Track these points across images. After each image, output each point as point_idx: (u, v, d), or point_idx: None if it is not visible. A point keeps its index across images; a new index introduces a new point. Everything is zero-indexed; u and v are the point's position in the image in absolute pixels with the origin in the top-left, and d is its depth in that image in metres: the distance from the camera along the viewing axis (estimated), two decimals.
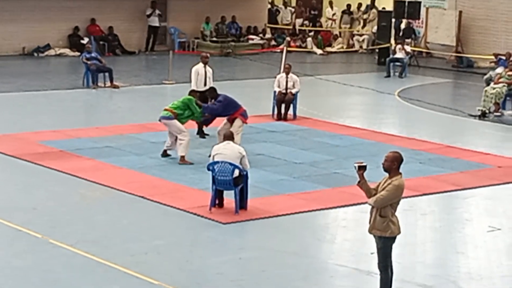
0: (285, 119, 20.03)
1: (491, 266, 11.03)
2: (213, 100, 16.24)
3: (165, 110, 15.84)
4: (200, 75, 17.99)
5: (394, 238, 9.36)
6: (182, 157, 15.56)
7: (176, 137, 15.72)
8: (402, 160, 9.28)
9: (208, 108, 16.08)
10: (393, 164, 9.22)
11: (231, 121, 16.05)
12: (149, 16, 31.97)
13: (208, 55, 18.78)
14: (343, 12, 36.50)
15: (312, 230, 12.41)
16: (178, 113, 15.69)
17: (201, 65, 18.14)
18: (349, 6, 36.48)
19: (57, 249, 10.95)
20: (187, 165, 15.36)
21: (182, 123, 15.72)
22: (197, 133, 17.67)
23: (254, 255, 11.10)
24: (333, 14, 36.75)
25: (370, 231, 9.40)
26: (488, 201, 14.17)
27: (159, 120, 15.89)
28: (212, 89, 16.62)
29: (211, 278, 10.32)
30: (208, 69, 18.17)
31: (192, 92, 16.58)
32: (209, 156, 13.14)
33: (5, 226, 11.76)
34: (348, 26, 36.34)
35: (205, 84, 17.86)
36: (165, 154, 15.95)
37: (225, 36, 33.13)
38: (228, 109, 16.09)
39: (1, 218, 12.02)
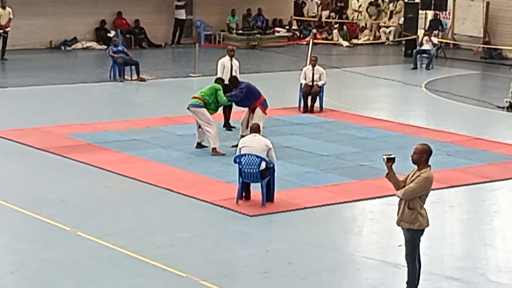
0: (311, 111, 19.98)
1: None
2: (235, 89, 16.22)
3: (194, 98, 15.88)
4: (226, 68, 17.98)
5: (423, 230, 9.32)
6: (214, 148, 15.59)
7: (200, 126, 15.74)
8: (431, 152, 9.24)
9: (232, 96, 16.07)
10: (422, 157, 9.18)
11: (252, 111, 16.04)
12: (177, 7, 31.98)
13: (234, 48, 18.75)
14: (370, 3, 36.36)
15: (339, 222, 12.39)
16: (206, 101, 15.71)
17: (227, 58, 18.13)
18: None
19: (84, 241, 11.00)
20: (214, 157, 15.35)
21: (209, 113, 15.73)
22: (223, 126, 17.67)
23: (280, 248, 11.09)
24: (359, 6, 36.61)
25: (398, 223, 9.37)
26: None
27: (188, 108, 15.88)
28: (234, 78, 16.63)
29: (238, 270, 10.32)
30: (235, 62, 18.16)
31: (218, 80, 16.59)
32: (232, 146, 13.07)
33: (34, 219, 11.83)
34: (374, 17, 36.20)
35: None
36: (199, 146, 15.95)
37: (251, 29, 33.10)
38: (249, 97, 16.08)
39: (29, 211, 12.10)
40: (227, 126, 17.74)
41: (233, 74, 17.85)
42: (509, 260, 10.81)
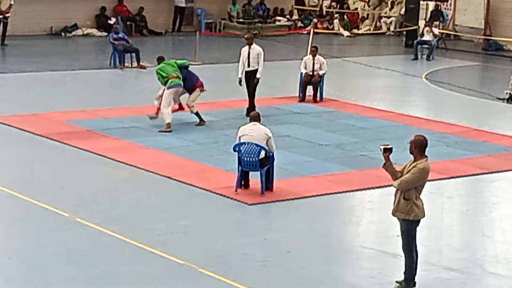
0: (315, 101, 19.93)
1: None
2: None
3: (177, 77, 16.95)
4: (243, 57, 18.10)
5: (418, 221, 9.32)
6: (169, 124, 16.44)
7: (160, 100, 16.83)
8: (424, 144, 9.20)
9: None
10: (413, 147, 9.17)
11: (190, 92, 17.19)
12: None
13: (250, 35, 18.77)
14: None
15: (337, 212, 12.40)
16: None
17: (246, 46, 18.22)
18: None
19: (83, 227, 11.02)
20: (214, 145, 15.36)
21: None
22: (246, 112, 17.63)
23: (279, 236, 11.11)
24: None
25: (393, 214, 9.39)
26: None
27: (170, 87, 16.74)
28: (160, 58, 17.51)
29: (236, 258, 10.34)
30: (254, 49, 18.09)
31: (159, 59, 17.50)
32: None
33: (33, 205, 11.84)
34: (374, 7, 36.11)
35: (248, 65, 17.99)
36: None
37: (252, 18, 33.04)
38: (191, 79, 17.31)
39: (28, 197, 12.11)
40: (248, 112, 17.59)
41: (251, 61, 17.94)
42: (507, 251, 10.83)
